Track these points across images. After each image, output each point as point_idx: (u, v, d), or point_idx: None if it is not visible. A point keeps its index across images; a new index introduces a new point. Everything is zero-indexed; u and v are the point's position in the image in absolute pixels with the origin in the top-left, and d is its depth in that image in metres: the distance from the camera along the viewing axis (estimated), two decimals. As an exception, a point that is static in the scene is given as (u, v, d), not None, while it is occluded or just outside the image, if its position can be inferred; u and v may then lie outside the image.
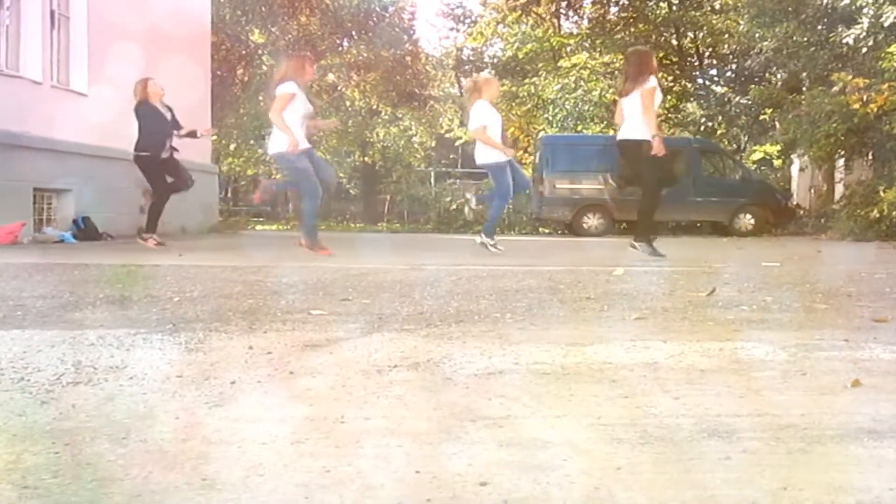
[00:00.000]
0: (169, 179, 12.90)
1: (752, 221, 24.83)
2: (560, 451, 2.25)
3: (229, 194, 37.23)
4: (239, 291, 6.03)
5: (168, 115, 12.84)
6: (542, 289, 6.40)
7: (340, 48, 40.10)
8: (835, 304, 5.52)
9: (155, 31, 17.53)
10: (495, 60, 44.34)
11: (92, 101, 15.81)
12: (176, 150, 12.91)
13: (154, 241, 12.14)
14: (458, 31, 47.90)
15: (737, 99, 29.65)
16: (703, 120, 30.63)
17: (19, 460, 2.13)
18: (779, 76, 28.03)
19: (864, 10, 19.46)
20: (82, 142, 15.38)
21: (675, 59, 34.41)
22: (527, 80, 36.38)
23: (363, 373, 3.24)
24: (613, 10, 35.73)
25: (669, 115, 32.10)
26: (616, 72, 33.00)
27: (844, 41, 19.88)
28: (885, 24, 18.71)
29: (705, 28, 33.51)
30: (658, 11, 33.79)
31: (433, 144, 48.84)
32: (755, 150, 30.54)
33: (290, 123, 10.46)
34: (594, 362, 3.44)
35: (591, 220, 24.73)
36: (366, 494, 1.93)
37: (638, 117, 10.54)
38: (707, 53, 35.58)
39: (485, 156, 11.74)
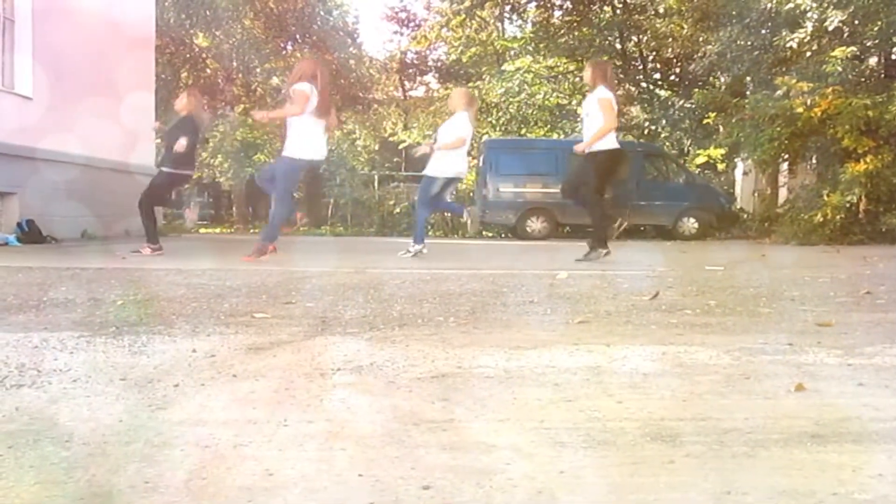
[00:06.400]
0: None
1: (696, 225, 24.93)
2: (503, 454, 2.26)
3: (173, 197, 36.81)
4: (183, 294, 6.00)
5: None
6: (485, 292, 6.41)
7: (284, 52, 39.99)
8: (778, 308, 5.56)
9: (100, 34, 17.43)
10: (439, 64, 44.36)
11: (37, 104, 15.66)
12: None
13: (150, 249, 11.74)
14: (402, 34, 47.87)
15: (680, 103, 29.79)
16: (646, 124, 30.74)
17: (-41, 465, 2.12)
18: (723, 80, 28.15)
19: (808, 14, 19.60)
20: (27, 145, 15.21)
21: (618, 63, 34.41)
22: (470, 84, 36.40)
23: (306, 376, 3.24)
24: (557, 14, 35.68)
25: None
26: (559, 75, 33.13)
27: (788, 45, 20.00)
28: (829, 28, 18.88)
29: (649, 32, 33.50)
30: (602, 15, 33.74)
31: (377, 148, 48.75)
32: (699, 154, 30.54)
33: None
34: (537, 366, 3.45)
35: (535, 224, 24.69)
36: (308, 498, 1.93)
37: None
38: (651, 57, 35.62)
39: None
